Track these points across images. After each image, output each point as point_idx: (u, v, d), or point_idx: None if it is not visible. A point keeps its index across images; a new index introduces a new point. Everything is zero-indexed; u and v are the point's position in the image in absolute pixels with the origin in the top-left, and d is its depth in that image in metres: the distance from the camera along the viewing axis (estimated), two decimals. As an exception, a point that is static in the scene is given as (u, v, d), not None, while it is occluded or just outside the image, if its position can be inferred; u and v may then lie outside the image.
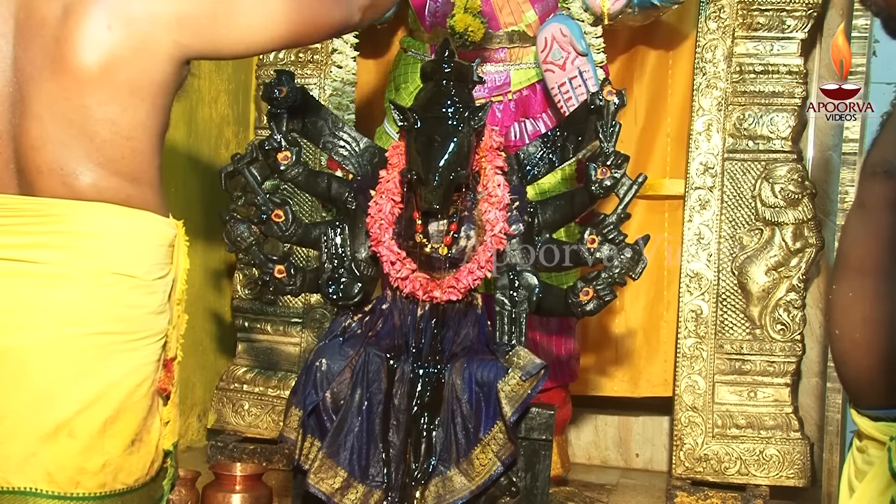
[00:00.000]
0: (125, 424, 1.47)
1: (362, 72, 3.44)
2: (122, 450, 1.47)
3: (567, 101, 2.95)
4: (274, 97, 2.42)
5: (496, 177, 2.37)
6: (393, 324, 2.38)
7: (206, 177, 3.43)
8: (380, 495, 2.21)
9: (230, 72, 3.67)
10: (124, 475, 1.48)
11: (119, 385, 1.45)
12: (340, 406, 2.25)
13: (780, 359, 3.10)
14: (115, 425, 1.46)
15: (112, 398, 1.44)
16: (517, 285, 2.36)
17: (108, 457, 1.45)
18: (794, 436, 3.06)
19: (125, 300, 1.46)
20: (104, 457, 1.45)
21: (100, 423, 1.44)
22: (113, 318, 1.44)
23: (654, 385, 3.40)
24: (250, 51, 1.60)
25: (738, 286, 3.13)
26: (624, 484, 3.39)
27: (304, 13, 1.54)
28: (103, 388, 1.44)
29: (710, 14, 3.15)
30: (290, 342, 3.43)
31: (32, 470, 1.42)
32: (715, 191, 3.14)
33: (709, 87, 3.16)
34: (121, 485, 1.47)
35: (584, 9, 3.03)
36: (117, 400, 1.45)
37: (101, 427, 1.44)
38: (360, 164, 2.52)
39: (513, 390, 2.17)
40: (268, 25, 1.52)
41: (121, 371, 1.45)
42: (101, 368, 1.44)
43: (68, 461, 1.43)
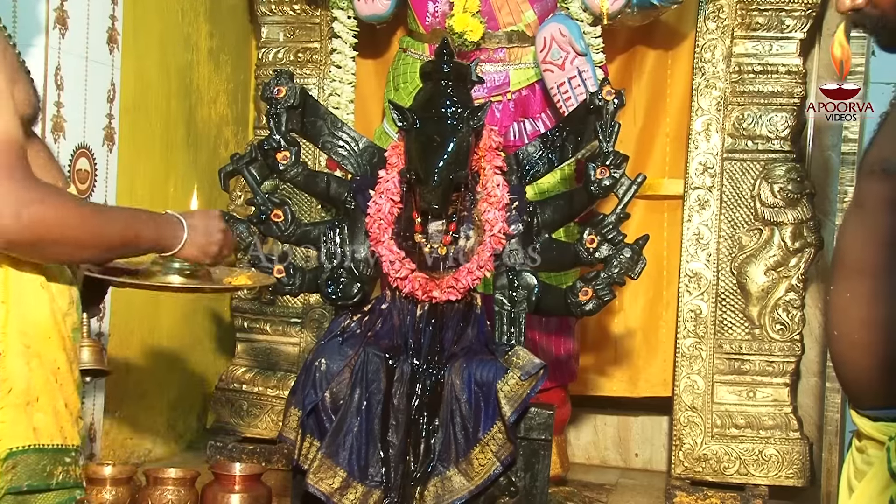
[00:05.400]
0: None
1: (361, 72, 3.44)
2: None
3: (566, 101, 2.95)
4: (273, 97, 2.42)
5: (495, 177, 2.37)
6: (392, 324, 2.38)
7: (206, 176, 3.43)
8: (379, 495, 2.21)
9: (229, 72, 3.67)
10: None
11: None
12: (340, 406, 2.25)
13: (780, 359, 3.10)
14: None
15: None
16: (516, 285, 2.36)
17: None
18: (794, 436, 3.07)
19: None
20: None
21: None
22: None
23: (654, 385, 3.40)
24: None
25: (737, 286, 3.13)
26: (623, 484, 3.39)
27: None
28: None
29: (709, 14, 3.15)
30: (290, 342, 3.43)
31: None
32: (714, 191, 3.14)
33: (708, 87, 3.16)
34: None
35: (583, 9, 3.03)
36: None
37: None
38: (359, 163, 2.52)
39: (512, 390, 2.17)
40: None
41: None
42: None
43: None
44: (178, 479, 2.62)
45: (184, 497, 2.60)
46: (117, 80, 2.98)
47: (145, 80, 3.17)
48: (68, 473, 1.48)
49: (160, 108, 3.28)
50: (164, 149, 3.31)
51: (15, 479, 1.41)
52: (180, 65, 3.38)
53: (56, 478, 1.46)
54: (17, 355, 1.42)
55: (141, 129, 3.16)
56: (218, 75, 3.61)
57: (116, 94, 2.98)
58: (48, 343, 1.46)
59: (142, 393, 3.26)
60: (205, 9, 3.50)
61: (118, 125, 2.99)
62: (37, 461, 1.44)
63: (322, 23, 3.42)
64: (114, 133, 2.97)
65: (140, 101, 3.14)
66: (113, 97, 2.97)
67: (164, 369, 3.36)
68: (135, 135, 3.10)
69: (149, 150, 3.21)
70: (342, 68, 3.36)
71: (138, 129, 3.13)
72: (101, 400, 2.99)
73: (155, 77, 3.24)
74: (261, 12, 3.49)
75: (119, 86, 2.99)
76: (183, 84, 3.40)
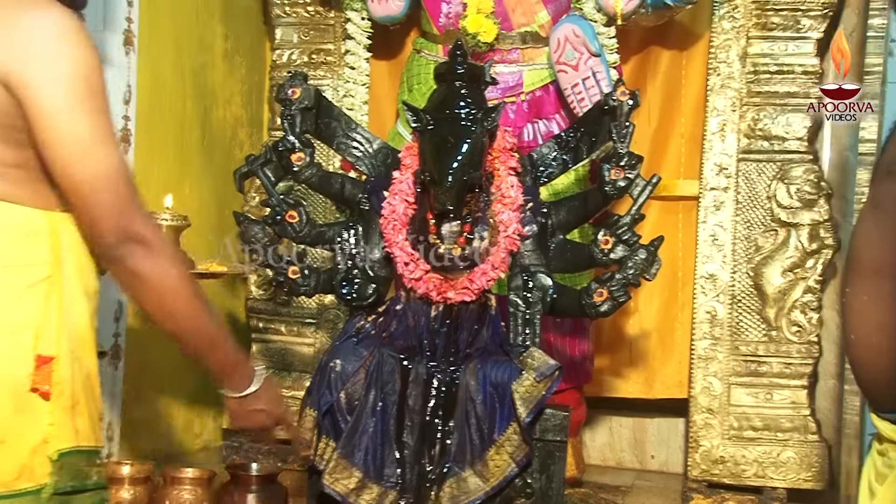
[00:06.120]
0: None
1: (375, 73, 3.44)
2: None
3: (580, 102, 2.94)
4: (287, 98, 2.42)
5: (509, 178, 2.37)
6: (407, 325, 2.38)
7: (220, 178, 3.44)
8: (395, 496, 2.21)
9: (244, 73, 3.69)
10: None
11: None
12: (355, 407, 2.25)
13: (797, 361, 3.08)
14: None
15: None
16: (531, 286, 2.35)
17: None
18: (812, 438, 3.04)
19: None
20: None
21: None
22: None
23: (669, 387, 3.38)
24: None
25: (753, 287, 3.11)
26: (639, 486, 3.37)
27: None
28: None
29: (724, 14, 3.14)
30: (305, 343, 3.43)
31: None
32: (730, 192, 3.13)
33: (723, 88, 3.14)
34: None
35: (597, 9, 3.02)
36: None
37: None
38: (373, 165, 2.53)
39: (527, 391, 2.17)
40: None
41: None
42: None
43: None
44: (195, 478, 2.62)
45: (200, 497, 2.61)
46: (133, 81, 2.99)
47: (160, 82, 3.18)
48: (100, 474, 1.54)
49: (175, 110, 3.29)
50: (179, 150, 3.32)
51: (61, 479, 1.46)
52: (195, 66, 3.39)
53: (91, 478, 1.52)
54: (66, 360, 1.47)
55: (156, 130, 3.17)
56: (232, 77, 3.62)
57: (132, 95, 2.99)
58: (85, 348, 1.52)
59: (158, 393, 3.27)
60: (219, 10, 3.51)
61: (134, 127, 3.00)
62: (78, 462, 1.49)
63: (336, 24, 3.42)
64: (129, 135, 2.99)
65: (155, 103, 3.15)
66: (129, 99, 2.98)
67: (180, 370, 3.37)
68: (150, 136, 3.11)
69: (164, 152, 3.23)
70: (356, 70, 3.36)
71: (154, 131, 3.14)
72: (118, 400, 3.00)
73: (170, 79, 3.25)
74: (275, 14, 3.50)
75: (135, 87, 3.00)
76: (198, 86, 3.41)
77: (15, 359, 1.42)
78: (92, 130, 1.40)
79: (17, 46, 1.37)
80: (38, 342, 1.44)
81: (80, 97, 1.39)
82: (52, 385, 1.44)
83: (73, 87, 1.39)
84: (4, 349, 1.42)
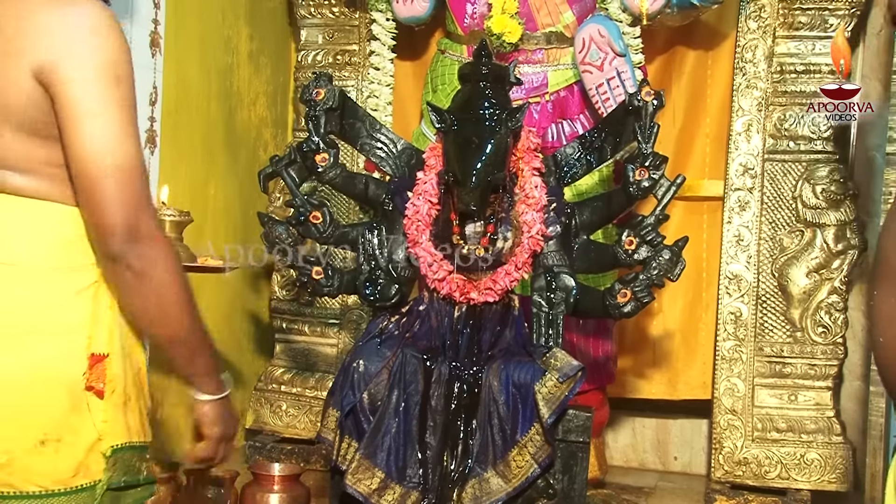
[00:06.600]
0: (27, 422, 1.40)
1: (399, 74, 3.45)
2: (28, 449, 1.40)
3: (605, 103, 2.94)
4: (312, 99, 2.43)
5: (533, 178, 2.37)
6: (430, 325, 2.38)
7: (245, 178, 3.46)
8: (417, 496, 2.21)
9: (269, 74, 3.70)
10: (38, 476, 1.41)
11: (8, 381, 1.39)
12: (377, 407, 2.26)
13: (822, 362, 3.06)
14: (14, 422, 1.39)
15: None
16: (554, 287, 2.35)
17: (9, 455, 1.39)
18: (836, 440, 3.02)
19: (3, 291, 1.40)
20: (4, 455, 1.39)
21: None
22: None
23: (693, 388, 3.36)
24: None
25: (778, 288, 3.10)
26: (662, 487, 3.36)
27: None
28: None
29: (751, 13, 3.12)
30: (328, 343, 3.45)
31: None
32: (755, 192, 3.11)
33: (749, 88, 3.13)
34: (34, 487, 1.41)
35: (622, 9, 3.01)
36: (8, 396, 1.39)
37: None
38: (397, 165, 2.53)
39: (550, 392, 2.17)
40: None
41: (8, 366, 1.39)
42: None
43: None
44: (218, 478, 2.64)
45: (223, 497, 2.63)
46: (159, 82, 3.01)
47: (186, 83, 3.21)
48: (149, 469, 1.58)
49: (201, 111, 3.31)
50: (205, 151, 3.34)
51: (115, 475, 1.49)
52: (221, 67, 3.41)
53: (142, 473, 1.56)
54: (118, 357, 1.50)
55: (182, 131, 3.19)
56: (258, 77, 3.64)
57: (158, 96, 3.02)
58: (136, 345, 1.56)
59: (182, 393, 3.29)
60: (245, 12, 3.53)
61: (160, 128, 3.03)
62: (130, 458, 1.53)
63: (361, 25, 3.43)
64: (155, 136, 3.01)
65: (181, 104, 3.18)
66: (155, 100, 3.00)
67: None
68: (176, 137, 3.14)
69: (190, 153, 3.25)
70: (381, 70, 3.37)
71: (180, 132, 3.17)
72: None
73: (196, 80, 3.27)
74: (300, 15, 3.52)
75: (161, 88, 3.02)
76: (223, 86, 3.43)
77: (70, 359, 1.44)
78: (120, 125, 1.40)
79: (53, 42, 1.38)
80: (91, 341, 1.45)
81: (111, 90, 1.40)
82: (105, 383, 1.47)
83: (103, 79, 1.39)
84: (59, 350, 1.43)
